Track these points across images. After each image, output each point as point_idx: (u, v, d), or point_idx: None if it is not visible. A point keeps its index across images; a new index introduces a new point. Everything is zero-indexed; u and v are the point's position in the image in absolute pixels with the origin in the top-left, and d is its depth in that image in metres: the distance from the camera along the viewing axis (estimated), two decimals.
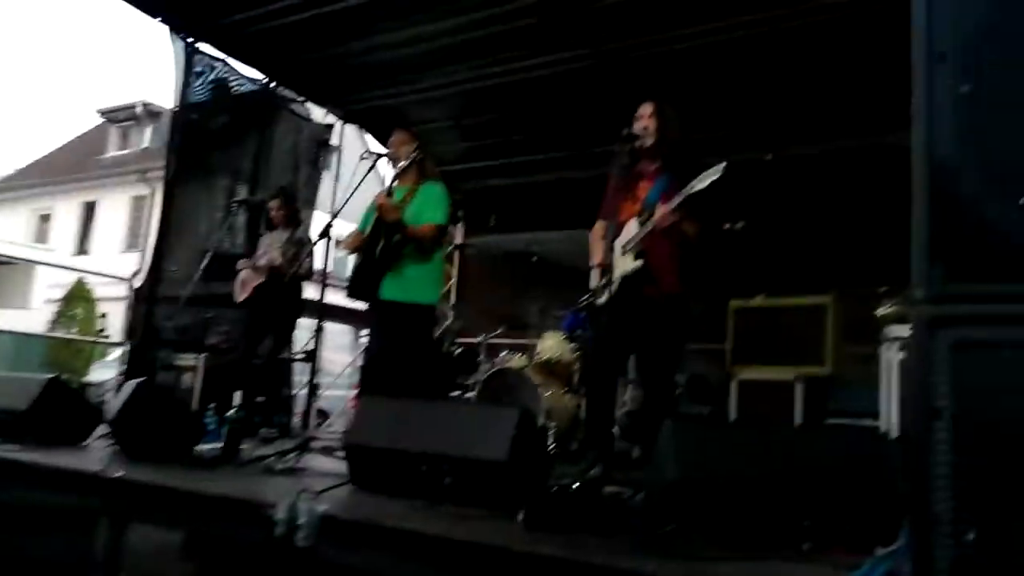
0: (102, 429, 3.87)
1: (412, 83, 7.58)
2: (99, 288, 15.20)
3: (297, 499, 2.31)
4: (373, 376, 4.23)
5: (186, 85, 6.61)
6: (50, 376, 3.89)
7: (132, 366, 5.92)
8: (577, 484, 2.53)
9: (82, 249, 20.40)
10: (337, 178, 8.28)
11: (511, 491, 2.56)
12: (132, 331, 6.10)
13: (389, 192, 4.00)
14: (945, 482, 1.50)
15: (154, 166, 19.35)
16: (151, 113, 21.35)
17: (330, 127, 8.14)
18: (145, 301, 6.13)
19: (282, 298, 5.35)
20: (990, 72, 1.58)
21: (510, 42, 6.60)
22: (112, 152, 22.04)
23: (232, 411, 3.70)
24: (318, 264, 6.18)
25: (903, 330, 4.26)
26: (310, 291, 7.73)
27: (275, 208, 5.40)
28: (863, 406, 4.36)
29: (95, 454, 3.33)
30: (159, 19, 6.42)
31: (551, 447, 4.44)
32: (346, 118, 8.15)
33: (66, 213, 21.07)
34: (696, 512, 2.20)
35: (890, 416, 4.13)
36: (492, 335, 6.07)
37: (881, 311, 4.09)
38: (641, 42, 6.32)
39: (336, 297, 5.49)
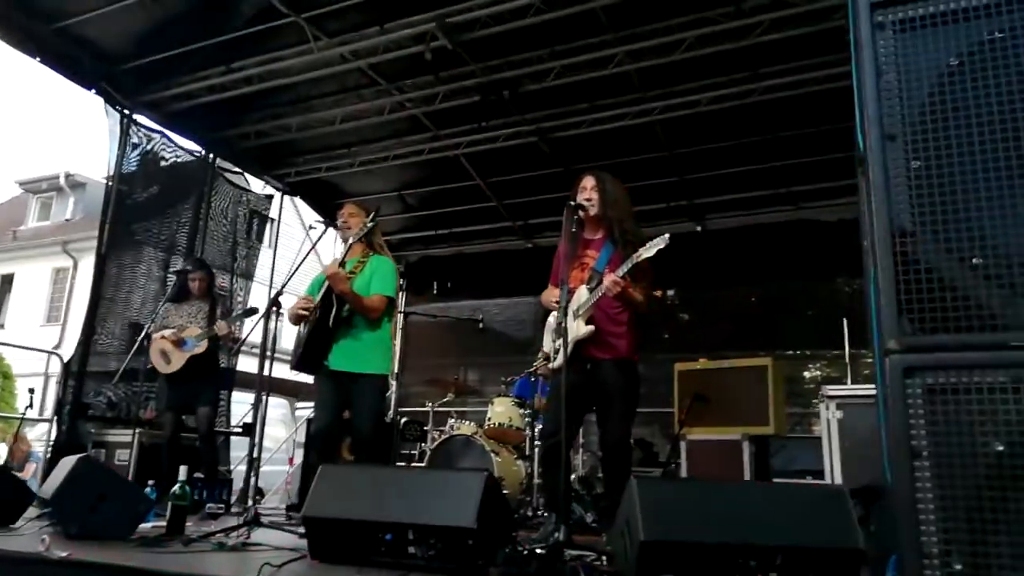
0: (34, 509, 3.68)
1: (352, 156, 7.70)
2: (16, 364, 14.43)
3: (260, 575, 2.26)
4: (322, 447, 4.15)
5: (121, 156, 6.53)
6: (81, 456, 3.67)
7: (60, 442, 5.65)
8: (543, 549, 2.53)
9: None
10: (275, 250, 8.24)
11: (479, 557, 2.55)
12: (60, 406, 5.81)
13: (342, 263, 4.01)
14: (930, 517, 1.63)
15: (77, 237, 18.82)
16: (74, 184, 20.81)
17: (269, 198, 8.12)
18: (75, 375, 5.88)
19: (216, 368, 5.27)
20: (936, 148, 1.78)
21: (452, 118, 6.80)
22: (32, 223, 21.30)
23: (176, 486, 3.56)
24: (257, 337, 6.10)
25: (839, 389, 4.47)
26: (245, 363, 7.60)
27: (198, 279, 5.31)
28: (805, 463, 4.51)
29: (32, 535, 3.15)
30: (93, 91, 6.38)
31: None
32: (286, 190, 8.14)
33: None
34: (666, 571, 2.24)
35: (833, 472, 4.27)
36: (440, 402, 6.04)
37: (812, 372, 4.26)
38: (571, 123, 6.61)
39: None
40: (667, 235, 3.31)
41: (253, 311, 5.13)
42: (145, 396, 6.18)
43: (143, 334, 5.45)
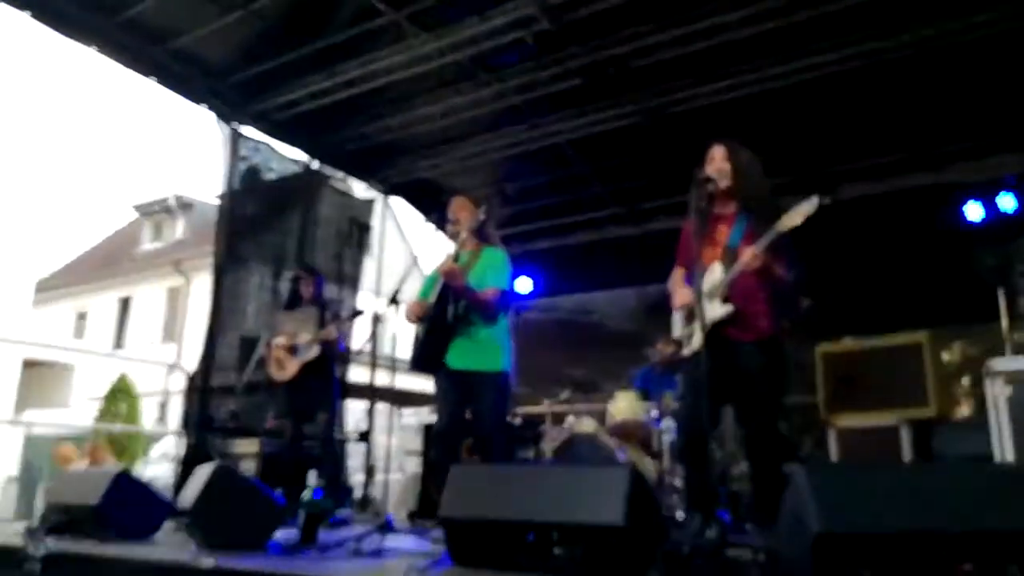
0: (171, 521, 3.72)
1: (452, 152, 7.62)
2: (139, 383, 15.20)
3: None
4: (444, 448, 4.03)
5: (233, 169, 6.67)
6: (118, 470, 3.75)
7: (188, 456, 5.79)
8: (703, 547, 2.30)
9: (118, 344, 20.58)
10: (381, 253, 8.27)
11: (629, 557, 2.34)
12: (186, 419, 5.97)
13: (456, 257, 3.88)
14: None
15: (188, 256, 19.73)
16: (183, 205, 21.84)
17: (371, 203, 8.15)
18: (199, 389, 6.02)
19: (331, 374, 5.23)
20: None
21: (553, 104, 6.60)
22: (146, 246, 22.49)
23: (306, 493, 3.51)
24: (366, 344, 6.08)
25: (1008, 363, 4.02)
26: (356, 372, 7.64)
27: (307, 284, 5.33)
28: (971, 447, 4.05)
29: (174, 544, 3.16)
30: (205, 106, 6.54)
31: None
32: (388, 191, 8.17)
33: (102, 309, 21.36)
34: (844, 568, 1.96)
35: (1004, 454, 3.83)
36: (557, 400, 5.84)
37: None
38: (682, 97, 6.27)
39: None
40: (815, 199, 3.00)
41: (359, 313, 5.09)
42: (266, 406, 6.27)
43: (260, 344, 5.49)
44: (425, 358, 3.95)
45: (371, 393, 6.13)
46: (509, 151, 7.42)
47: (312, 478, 3.53)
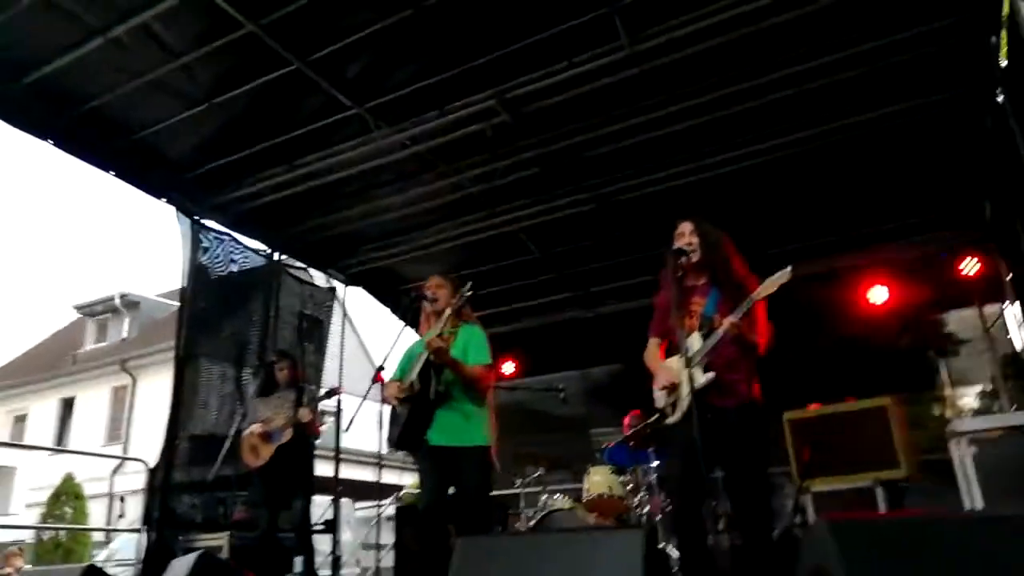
0: None
1: (410, 242, 7.75)
2: (85, 485, 14.47)
3: None
4: (428, 527, 3.95)
5: (193, 261, 6.64)
6: (86, 565, 3.57)
7: (151, 552, 5.52)
8: None
9: (60, 446, 19.62)
10: (342, 341, 8.23)
11: None
12: (148, 514, 5.71)
13: (441, 335, 3.92)
14: None
15: (135, 355, 19.19)
16: (129, 303, 21.39)
17: (332, 291, 8.17)
18: (161, 484, 5.80)
19: (307, 459, 5.12)
20: None
21: (509, 193, 6.83)
22: (89, 346, 21.82)
23: None
24: (330, 438, 5.98)
25: (970, 424, 4.21)
26: (321, 467, 7.47)
27: (286, 368, 5.27)
28: (944, 505, 4.17)
29: None
30: (164, 200, 6.55)
31: None
32: (347, 281, 8.21)
33: (43, 411, 20.44)
34: None
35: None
36: (529, 479, 5.81)
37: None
38: (631, 185, 6.56)
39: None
40: (789, 268, 3.17)
41: (334, 391, 5.05)
42: (234, 499, 6.07)
43: (230, 436, 5.36)
44: (407, 436, 3.94)
45: (336, 482, 6.03)
46: (467, 239, 7.57)
47: (299, 564, 3.43)
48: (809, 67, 5.06)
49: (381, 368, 3.99)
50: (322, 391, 5.12)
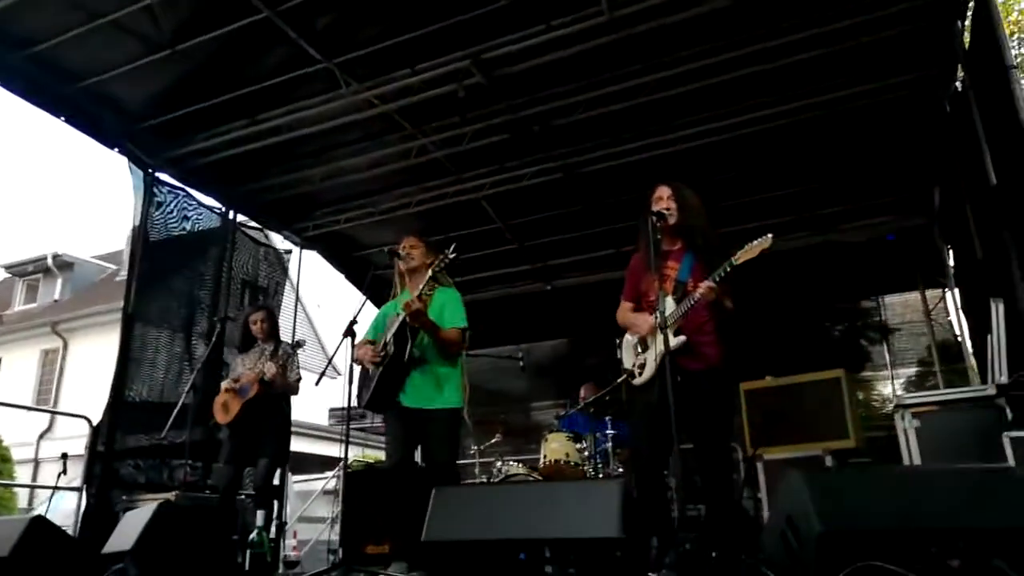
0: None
1: (371, 206, 7.64)
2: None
3: None
4: (395, 485, 3.92)
5: (145, 215, 6.42)
6: (32, 515, 3.44)
7: (90, 511, 5.36)
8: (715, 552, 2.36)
9: None
10: (296, 305, 8.09)
11: (626, 569, 2.38)
12: (89, 474, 5.52)
13: (419, 296, 3.88)
14: None
15: (67, 317, 18.47)
16: (62, 264, 20.53)
17: (288, 252, 8.02)
18: (105, 441, 5.61)
19: (274, 413, 4.98)
20: None
21: (477, 159, 6.79)
22: (18, 307, 20.89)
23: (254, 534, 3.35)
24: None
25: (915, 398, 4.39)
26: None
27: (259, 319, 5.13)
28: None
29: None
30: (116, 150, 6.30)
31: None
32: (304, 244, 8.05)
33: None
34: (847, 563, 2.09)
35: None
36: (487, 444, 5.84)
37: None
38: (600, 155, 6.60)
39: None
40: (769, 235, 3.23)
41: (300, 343, 4.95)
42: (181, 464, 5.94)
43: (177, 407, 5.20)
44: (378, 397, 3.90)
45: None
46: (429, 205, 7.50)
47: (260, 517, 3.37)
48: (780, 43, 5.16)
49: (354, 322, 3.94)
50: (285, 347, 4.99)
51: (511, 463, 5.56)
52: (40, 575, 3.26)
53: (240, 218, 7.47)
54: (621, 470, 5.40)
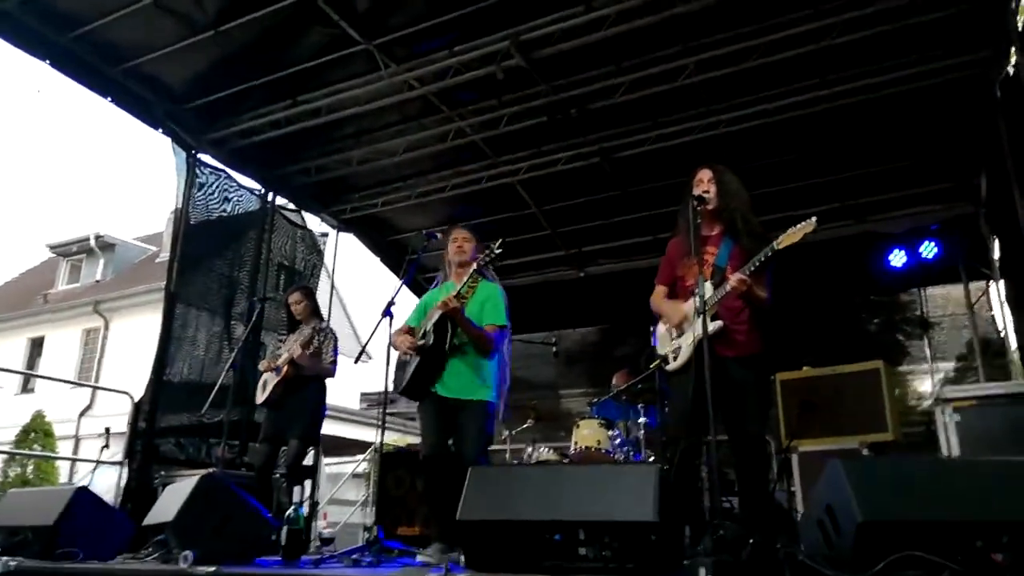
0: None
1: (408, 189, 7.66)
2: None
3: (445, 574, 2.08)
4: (432, 474, 3.93)
5: (188, 195, 6.51)
6: (79, 486, 3.53)
7: (131, 486, 5.49)
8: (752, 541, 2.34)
9: (27, 387, 19.32)
10: (332, 288, 8.17)
11: (660, 554, 2.37)
12: (131, 449, 5.65)
13: (458, 294, 3.88)
14: None
15: (109, 297, 18.88)
16: (104, 245, 20.99)
17: (324, 235, 8.08)
18: (147, 417, 5.74)
19: (306, 394, 5.02)
20: None
21: (513, 143, 6.77)
22: (61, 287, 21.43)
23: (291, 510, 3.40)
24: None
25: (956, 392, 4.30)
26: None
27: (297, 302, 5.18)
28: None
29: (159, 558, 2.98)
30: (160, 131, 6.40)
31: None
32: (340, 227, 8.12)
33: (11, 351, 20.08)
34: (886, 553, 2.05)
35: None
36: (519, 429, 5.85)
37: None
38: (638, 140, 6.53)
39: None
40: (814, 219, 3.16)
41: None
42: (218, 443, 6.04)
43: (216, 389, 5.29)
44: (414, 385, 3.93)
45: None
46: (465, 189, 7.50)
47: (297, 493, 3.42)
48: (824, 24, 5.06)
49: (391, 304, 3.96)
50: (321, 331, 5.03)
51: (541, 449, 5.55)
52: (83, 544, 3.35)
53: (279, 201, 7.54)
54: (652, 458, 5.37)
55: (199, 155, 6.64)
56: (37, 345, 20.18)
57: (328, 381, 5.14)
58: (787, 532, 2.79)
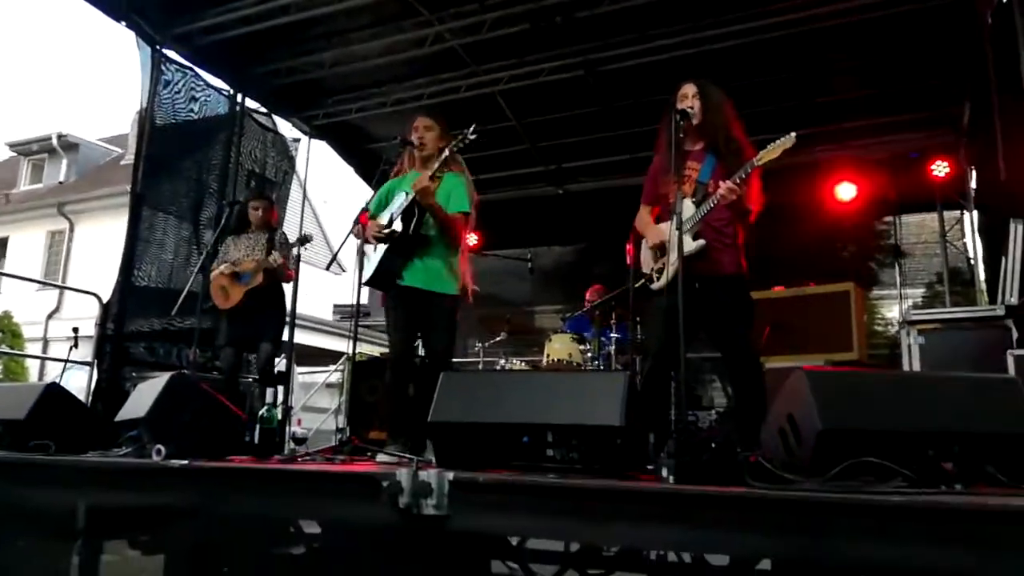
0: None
1: (384, 95, 7.45)
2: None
3: (415, 470, 2.12)
4: (399, 369, 3.95)
5: (153, 92, 6.26)
6: (49, 382, 3.51)
7: (100, 388, 5.48)
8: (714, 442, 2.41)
9: None
10: (304, 194, 8.04)
11: (625, 457, 2.43)
12: (100, 350, 5.61)
13: (432, 176, 3.80)
14: None
15: (73, 199, 18.42)
16: (67, 145, 20.30)
17: (296, 141, 7.88)
18: (115, 319, 5.68)
19: (276, 301, 5.02)
20: None
21: (494, 51, 6.57)
22: (24, 187, 20.82)
23: (264, 410, 3.43)
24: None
25: (922, 314, 4.39)
26: None
27: (261, 208, 5.08)
28: None
29: (134, 452, 2.99)
30: (124, 23, 6.11)
31: None
32: (312, 133, 7.92)
33: None
34: (842, 461, 2.12)
35: None
36: (492, 342, 5.90)
37: None
38: (624, 53, 6.37)
39: None
40: (793, 134, 3.12)
41: (307, 239, 4.92)
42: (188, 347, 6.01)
43: (185, 292, 5.21)
44: (380, 274, 3.88)
45: (291, 327, 5.91)
46: (443, 98, 7.30)
47: (270, 395, 3.44)
48: None
49: (365, 209, 3.89)
50: (293, 238, 4.95)
51: (514, 361, 5.63)
52: (55, 439, 3.34)
53: (250, 104, 7.30)
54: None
55: (165, 51, 6.36)
56: (1, 246, 19.75)
57: (302, 292, 5.11)
58: (752, 438, 2.86)
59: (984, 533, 1.74)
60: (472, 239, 9.20)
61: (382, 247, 3.87)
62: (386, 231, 3.84)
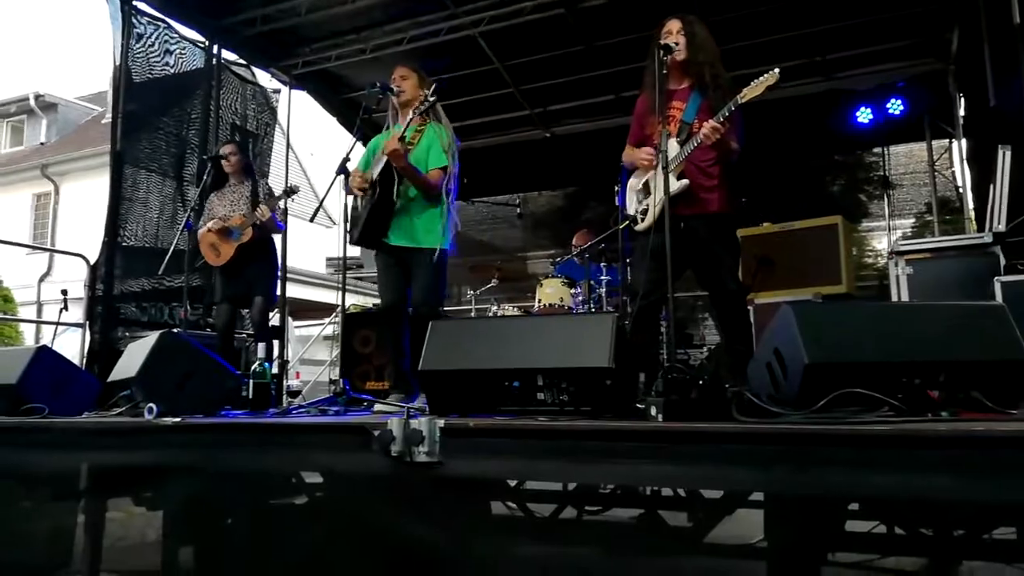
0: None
1: (363, 42, 7.29)
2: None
3: (407, 418, 2.13)
4: (390, 325, 3.98)
5: (125, 47, 6.11)
6: (40, 344, 3.50)
7: (93, 348, 5.49)
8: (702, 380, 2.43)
9: None
10: (287, 146, 7.93)
11: (615, 397, 2.45)
12: (91, 312, 5.60)
13: (402, 138, 3.76)
14: None
15: (56, 160, 18.16)
16: (45, 105, 19.91)
17: (276, 92, 7.74)
18: (104, 280, 5.65)
19: (266, 254, 4.99)
20: None
21: None
22: (5, 150, 20.48)
23: (256, 364, 3.44)
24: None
25: (909, 246, 4.39)
26: None
27: (230, 153, 5.00)
28: None
29: (128, 411, 3.01)
30: None
31: None
32: (292, 84, 7.76)
33: None
34: (829, 393, 2.14)
35: None
36: (483, 289, 5.91)
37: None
38: None
39: None
40: (776, 70, 3.07)
41: (293, 190, 4.86)
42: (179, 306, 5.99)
43: (170, 253, 5.16)
44: (367, 233, 3.87)
45: (283, 282, 5.91)
46: (423, 42, 7.15)
47: (262, 349, 3.45)
48: None
49: (346, 160, 3.85)
50: (278, 191, 4.89)
51: (506, 308, 5.65)
52: (49, 402, 3.36)
53: (226, 56, 7.13)
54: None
55: (135, 2, 6.18)
56: None
57: (295, 245, 5.09)
58: (740, 373, 2.89)
59: (971, 459, 1.76)
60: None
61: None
62: (368, 185, 3.81)
